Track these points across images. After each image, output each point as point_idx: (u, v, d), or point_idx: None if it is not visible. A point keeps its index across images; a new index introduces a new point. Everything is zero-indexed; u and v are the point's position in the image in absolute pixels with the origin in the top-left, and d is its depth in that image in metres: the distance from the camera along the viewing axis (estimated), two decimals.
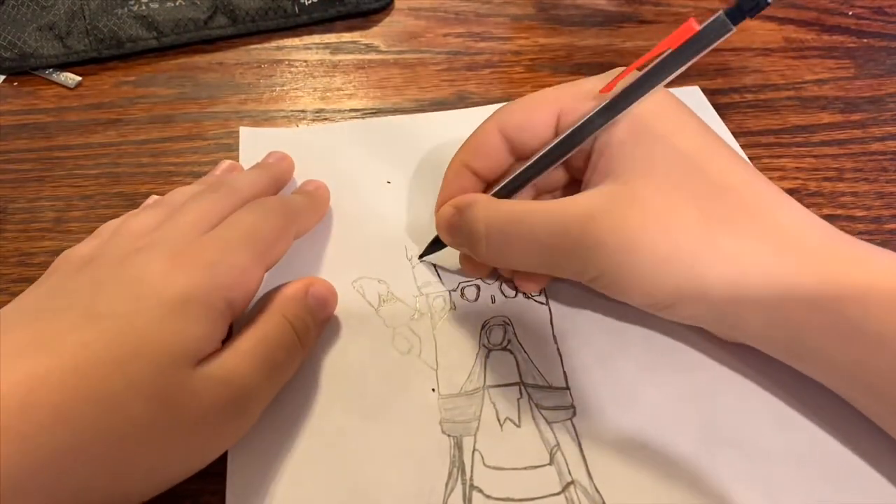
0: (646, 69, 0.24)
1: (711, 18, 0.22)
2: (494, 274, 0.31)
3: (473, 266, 0.30)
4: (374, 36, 0.45)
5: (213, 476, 0.25)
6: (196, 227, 0.26)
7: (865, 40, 0.44)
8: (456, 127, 0.37)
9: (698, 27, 0.22)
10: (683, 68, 0.23)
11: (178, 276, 0.23)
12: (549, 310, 0.29)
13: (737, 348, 0.27)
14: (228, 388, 0.23)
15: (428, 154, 0.36)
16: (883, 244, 0.32)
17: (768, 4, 0.21)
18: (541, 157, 0.27)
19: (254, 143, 0.36)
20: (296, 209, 0.30)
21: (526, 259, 0.27)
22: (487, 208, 0.27)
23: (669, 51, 0.23)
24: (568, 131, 0.26)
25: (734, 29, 0.22)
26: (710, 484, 0.24)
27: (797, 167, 0.36)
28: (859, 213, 0.34)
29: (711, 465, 0.25)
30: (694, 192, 0.24)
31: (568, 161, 0.27)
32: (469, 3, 0.47)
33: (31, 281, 0.27)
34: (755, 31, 0.45)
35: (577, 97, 0.27)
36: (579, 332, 0.29)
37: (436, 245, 0.31)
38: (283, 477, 0.24)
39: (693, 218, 0.24)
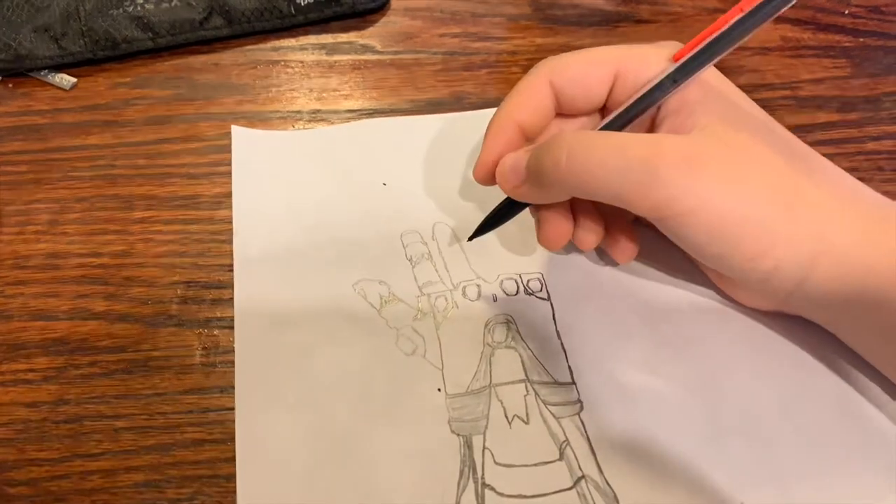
0: (715, 34, 0.25)
1: None
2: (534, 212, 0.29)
3: (552, 233, 0.28)
4: (371, 36, 0.45)
5: (214, 479, 0.25)
6: None
7: (862, 39, 0.44)
8: (450, 129, 0.37)
9: None
10: (751, 34, 0.24)
11: None
12: (552, 305, 0.30)
13: (739, 340, 0.28)
14: None
15: (423, 156, 0.36)
16: None
17: None
18: (620, 112, 0.26)
19: (246, 144, 0.36)
20: None
21: (606, 181, 0.24)
22: (575, 136, 0.25)
23: (738, 17, 0.24)
24: (647, 88, 0.26)
25: None
26: (719, 473, 0.25)
27: None
28: None
29: (720, 454, 0.25)
30: (775, 144, 0.25)
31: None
32: (465, 3, 0.47)
33: (26, 284, 0.27)
34: None
35: (636, 60, 0.27)
36: (582, 326, 0.29)
37: (489, 225, 0.30)
38: (293, 482, 0.24)
39: (783, 164, 0.25)
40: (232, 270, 0.30)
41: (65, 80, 0.41)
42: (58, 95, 0.40)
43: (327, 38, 0.44)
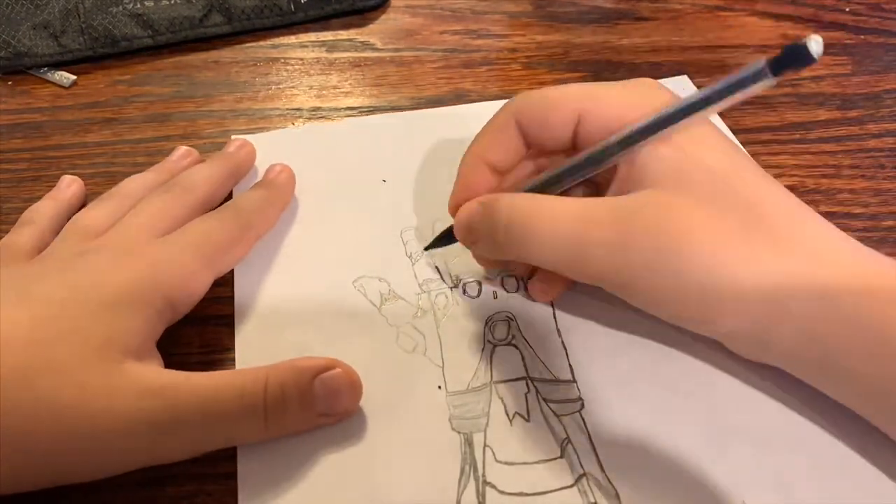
0: (686, 99, 0.24)
1: (751, 64, 0.22)
2: (501, 270, 0.30)
3: (486, 260, 0.30)
4: (371, 33, 0.45)
5: (214, 477, 0.25)
6: (146, 230, 0.27)
7: (863, 37, 0.44)
8: (449, 124, 0.37)
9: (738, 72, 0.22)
10: (722, 105, 0.23)
11: (119, 273, 0.24)
12: (552, 303, 0.29)
13: None
14: (153, 402, 0.22)
15: (422, 152, 0.36)
16: (880, 241, 0.32)
17: (814, 62, 0.20)
18: (571, 167, 0.26)
19: None
20: (252, 213, 0.30)
21: (543, 255, 0.25)
22: (511, 198, 0.26)
23: (709, 87, 0.23)
24: (602, 144, 0.25)
25: (773, 81, 0.21)
26: (721, 471, 0.24)
27: (795, 164, 0.36)
28: (857, 210, 0.33)
29: (722, 452, 0.25)
30: (731, 206, 0.24)
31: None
32: (466, 0, 0.47)
33: None
34: (752, 27, 0.45)
35: (600, 101, 0.26)
36: (583, 324, 0.29)
37: (444, 239, 0.30)
38: (294, 480, 0.24)
39: (734, 230, 0.23)
40: (231, 268, 0.30)
41: (64, 77, 0.41)
42: (57, 93, 0.40)
43: (327, 36, 0.44)
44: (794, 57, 0.20)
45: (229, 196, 0.33)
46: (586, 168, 0.26)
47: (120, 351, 0.22)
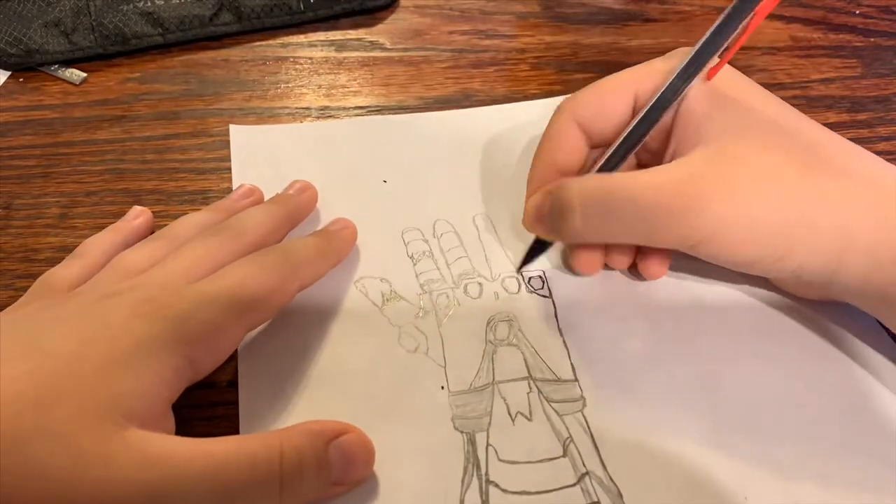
0: (705, 36, 0.26)
1: None
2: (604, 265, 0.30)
3: (585, 261, 0.29)
4: (379, 33, 0.45)
5: None
6: (185, 275, 0.24)
7: (872, 39, 0.44)
8: (449, 127, 0.37)
9: None
10: (739, 30, 0.25)
11: (137, 325, 0.22)
12: (553, 303, 0.29)
13: (742, 335, 0.28)
14: (153, 472, 0.20)
15: (423, 153, 0.36)
16: None
17: None
18: (633, 129, 0.27)
19: (245, 141, 0.36)
20: (301, 263, 0.27)
21: (625, 229, 0.26)
22: (581, 183, 0.26)
23: (729, 8, 0.25)
24: (651, 102, 0.27)
25: None
26: (723, 468, 0.24)
27: None
28: None
29: (724, 450, 0.25)
30: (788, 148, 0.25)
31: (642, 147, 0.28)
32: (474, 0, 0.47)
33: (35, 277, 0.27)
34: (761, 29, 0.45)
35: (651, 77, 0.27)
36: (584, 323, 0.29)
37: (533, 254, 0.30)
38: None
39: (796, 169, 0.24)
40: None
41: (75, 74, 0.41)
42: (68, 90, 0.41)
43: (336, 35, 0.44)
44: None
45: None
46: (642, 130, 0.27)
47: (123, 414, 0.20)
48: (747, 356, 0.27)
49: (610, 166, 0.28)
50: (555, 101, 0.38)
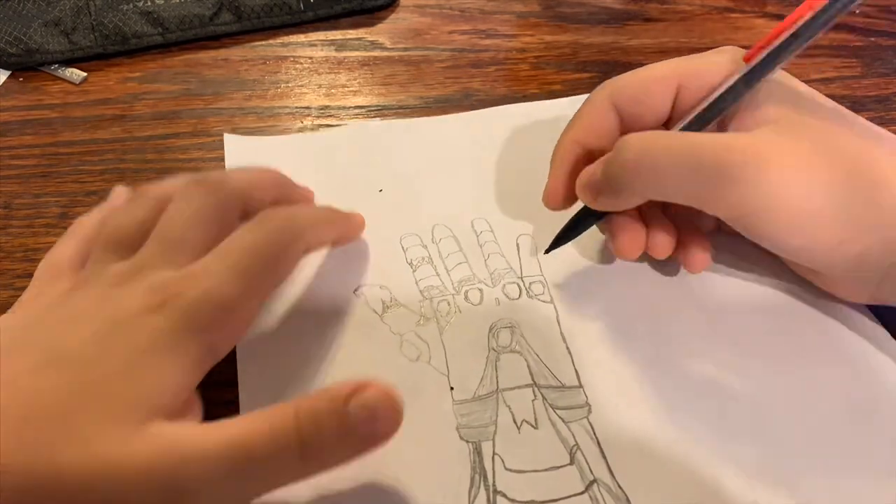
0: (782, 36, 0.25)
1: None
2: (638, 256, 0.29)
3: (627, 244, 0.28)
4: (380, 33, 0.45)
5: None
6: (186, 248, 0.23)
7: (872, 39, 0.44)
8: (445, 131, 0.37)
9: None
10: (821, 33, 0.25)
11: (153, 320, 0.21)
12: (555, 309, 0.29)
13: (747, 339, 0.28)
14: (168, 459, 0.19)
15: (419, 158, 0.36)
16: None
17: None
18: (694, 118, 0.27)
19: (240, 151, 0.36)
20: (305, 223, 0.26)
21: (679, 185, 0.25)
22: (641, 135, 0.26)
23: (809, 15, 0.25)
24: (719, 92, 0.26)
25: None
26: (731, 473, 0.24)
27: None
28: None
29: (731, 455, 0.25)
30: (851, 127, 0.26)
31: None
32: (474, 0, 0.47)
33: None
34: (761, 29, 0.45)
35: (699, 71, 0.27)
36: (587, 329, 0.29)
37: (562, 239, 0.29)
38: (301, 492, 0.24)
39: (861, 147, 0.25)
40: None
41: (75, 74, 0.41)
42: (68, 90, 0.41)
43: (336, 35, 0.44)
44: None
45: None
46: (718, 108, 0.27)
47: (148, 411, 0.20)
48: (753, 360, 0.27)
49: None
50: (555, 105, 0.38)
